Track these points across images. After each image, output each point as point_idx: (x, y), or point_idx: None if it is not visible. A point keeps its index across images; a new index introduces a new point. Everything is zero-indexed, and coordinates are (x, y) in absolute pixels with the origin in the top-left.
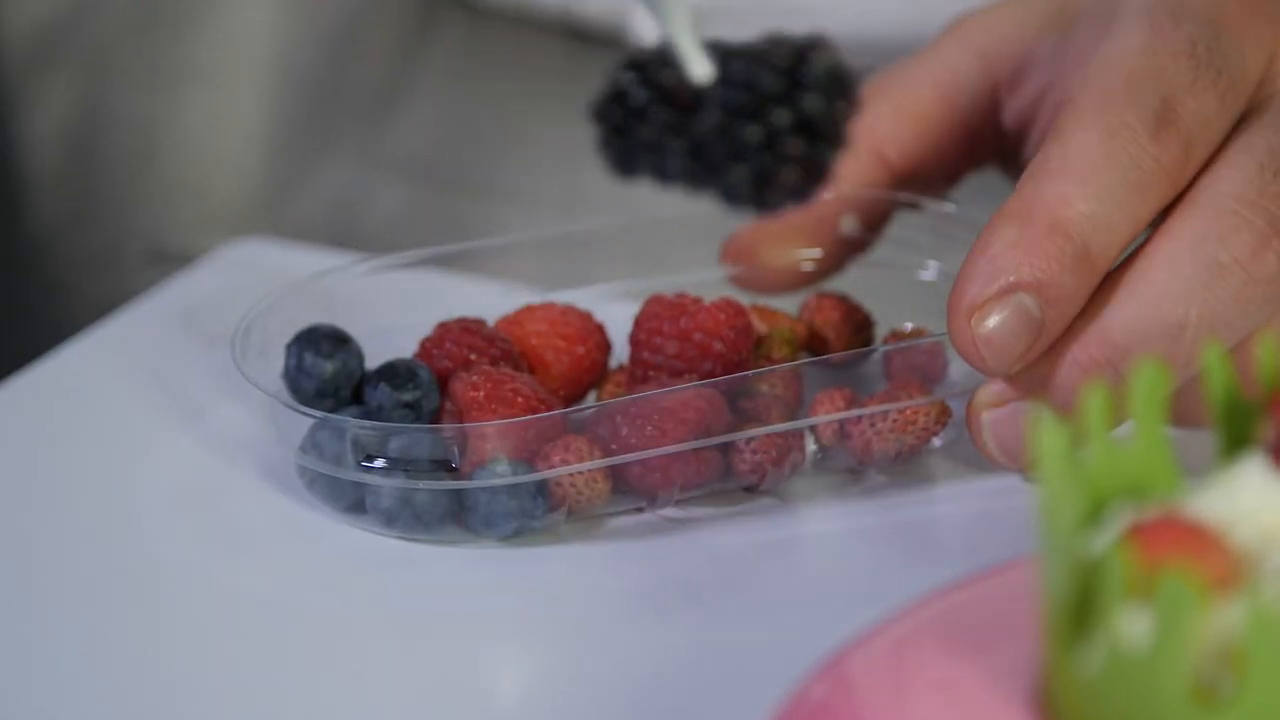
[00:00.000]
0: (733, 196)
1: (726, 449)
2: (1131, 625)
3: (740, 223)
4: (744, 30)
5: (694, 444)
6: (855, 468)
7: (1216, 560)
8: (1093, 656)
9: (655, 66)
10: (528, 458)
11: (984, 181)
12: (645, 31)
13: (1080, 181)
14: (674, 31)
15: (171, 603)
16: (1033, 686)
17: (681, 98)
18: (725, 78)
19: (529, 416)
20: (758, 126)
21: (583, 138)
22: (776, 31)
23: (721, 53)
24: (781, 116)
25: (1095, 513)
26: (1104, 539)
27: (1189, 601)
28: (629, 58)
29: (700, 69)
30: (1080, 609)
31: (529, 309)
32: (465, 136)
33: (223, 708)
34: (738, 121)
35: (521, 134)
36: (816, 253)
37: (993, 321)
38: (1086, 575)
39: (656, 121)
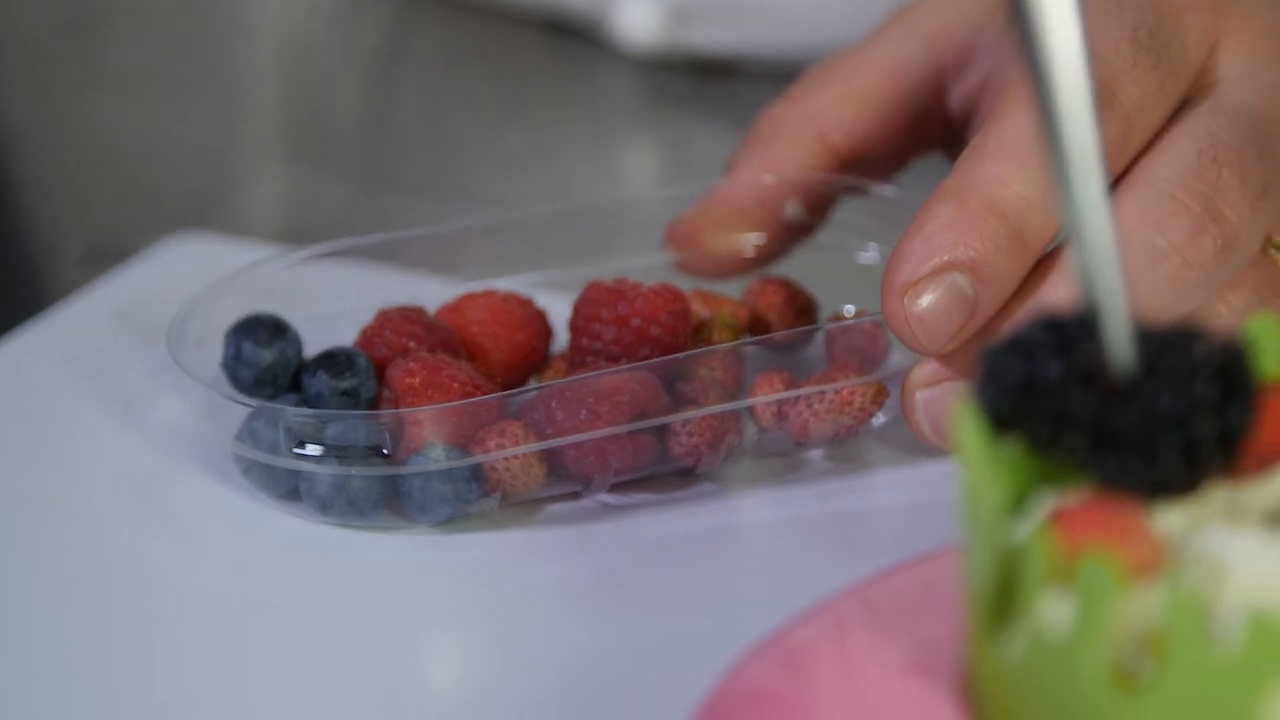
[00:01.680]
0: (1123, 481)
1: (663, 432)
2: (1053, 611)
3: (684, 208)
4: (728, 32)
5: (630, 427)
6: (793, 450)
7: (1138, 546)
8: (1015, 642)
9: (1073, 333)
10: (463, 443)
11: (930, 166)
12: (626, 25)
13: (1016, 163)
14: (1110, 316)
15: (109, 592)
16: (958, 672)
17: (1103, 382)
18: (1153, 372)
19: (463, 401)
20: (1178, 435)
21: (559, 134)
22: (1196, 324)
23: (1146, 340)
24: (1206, 428)
25: (1019, 499)
26: (1026, 525)
27: (1109, 587)
28: (1046, 317)
29: (1125, 361)
30: (1004, 595)
31: (469, 297)
32: (429, 133)
33: (160, 695)
34: (1161, 427)
35: (496, 130)
36: (760, 237)
37: (926, 300)
38: (1009, 561)
39: (1063, 395)
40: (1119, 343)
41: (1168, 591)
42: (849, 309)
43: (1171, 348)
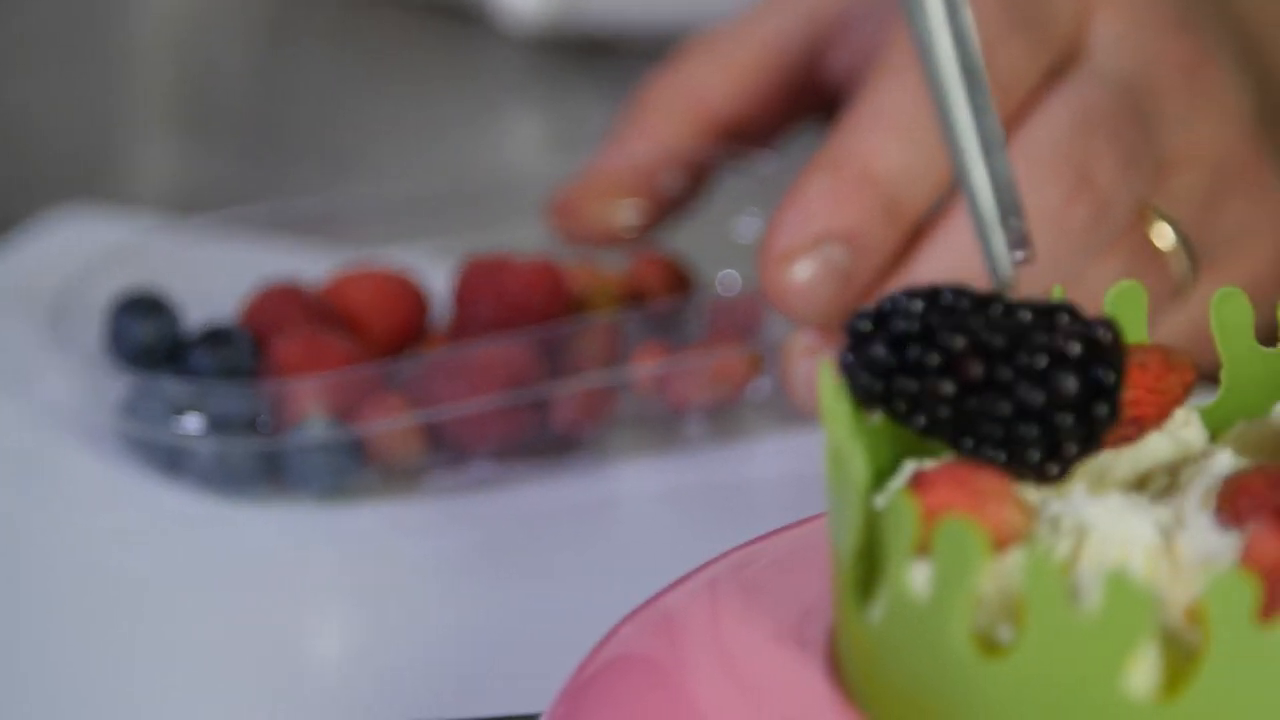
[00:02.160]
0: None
1: (542, 404)
2: (913, 576)
3: (565, 180)
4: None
5: (509, 399)
6: (672, 420)
7: (997, 511)
8: (878, 608)
9: (940, 313)
10: (342, 415)
11: (811, 136)
12: (511, 4)
13: (890, 132)
14: (987, 230)
15: None
16: (829, 636)
17: (968, 369)
18: (1018, 358)
19: (340, 372)
20: (1040, 431)
21: (446, 110)
22: (1065, 303)
23: (1014, 319)
24: (1066, 422)
25: (885, 466)
26: (889, 492)
27: (967, 552)
28: (912, 295)
29: (1006, 269)
30: (869, 561)
31: (350, 271)
32: (311, 107)
33: (41, 669)
34: (1023, 422)
35: (384, 105)
36: (640, 209)
37: (801, 270)
38: (873, 528)
39: (925, 384)
40: (1001, 262)
41: (1025, 555)
42: (727, 277)
43: (1038, 330)
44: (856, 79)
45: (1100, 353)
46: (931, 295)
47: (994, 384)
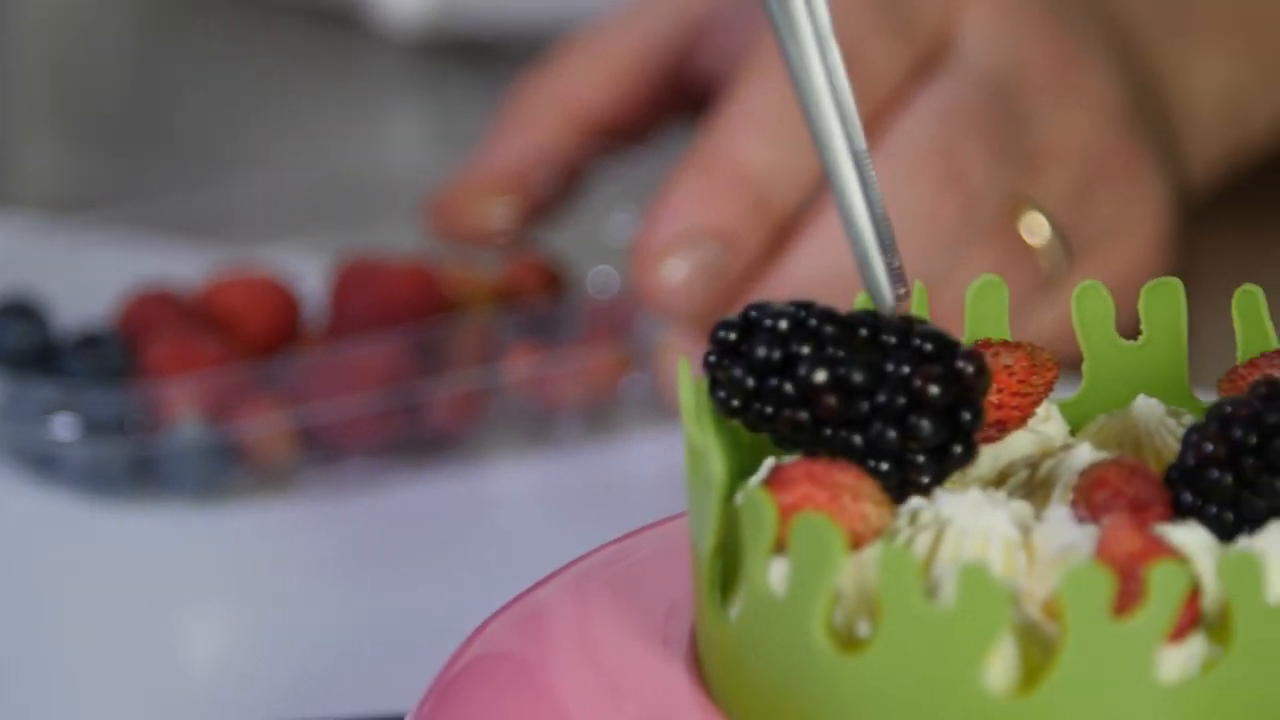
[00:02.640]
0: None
1: (416, 404)
2: (771, 573)
3: (442, 180)
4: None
5: (382, 400)
6: (546, 419)
7: (856, 506)
8: (736, 605)
9: (803, 344)
10: (215, 417)
11: (686, 134)
12: (390, 8)
13: (759, 131)
14: (869, 266)
15: None
16: (692, 635)
17: (822, 406)
18: (874, 404)
19: (213, 374)
20: (890, 464)
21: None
22: (928, 328)
23: (875, 340)
24: (920, 460)
25: (750, 462)
26: (747, 488)
27: (825, 548)
28: (778, 313)
29: (889, 304)
30: (728, 559)
31: (223, 273)
32: (188, 108)
33: None
34: (874, 457)
35: (263, 108)
36: (514, 208)
37: (673, 268)
38: (732, 525)
39: (781, 412)
40: (882, 290)
41: (881, 551)
42: (601, 275)
43: (901, 360)
44: (727, 78)
45: (962, 393)
46: (797, 317)
47: (851, 419)
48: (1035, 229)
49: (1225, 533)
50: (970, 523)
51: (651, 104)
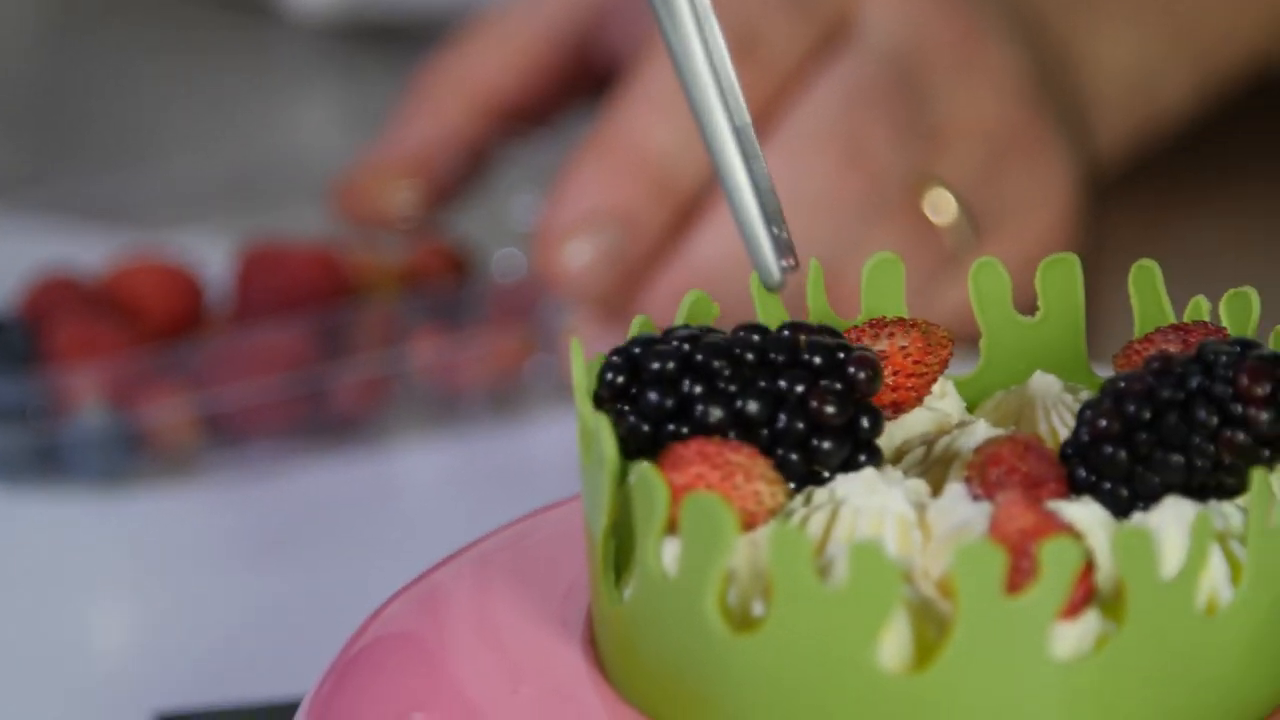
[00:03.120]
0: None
1: (321, 389)
2: (664, 553)
3: (348, 164)
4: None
5: (286, 384)
6: (452, 401)
7: (750, 485)
8: (630, 586)
9: (695, 380)
10: (118, 403)
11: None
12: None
13: (660, 112)
14: (753, 239)
15: None
16: (586, 616)
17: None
18: (775, 432)
19: (117, 360)
20: (796, 478)
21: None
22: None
23: (763, 371)
24: (824, 473)
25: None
26: (639, 468)
27: (717, 528)
28: (664, 354)
29: (775, 276)
30: (622, 539)
31: (128, 258)
32: (97, 93)
33: None
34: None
35: (172, 94)
36: (420, 192)
37: (575, 250)
38: (625, 505)
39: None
40: (768, 262)
41: (772, 531)
42: (506, 258)
43: (796, 379)
44: (629, 60)
45: (859, 403)
46: (683, 354)
47: (749, 421)
48: (941, 207)
49: (1120, 508)
50: (865, 501)
51: (556, 87)
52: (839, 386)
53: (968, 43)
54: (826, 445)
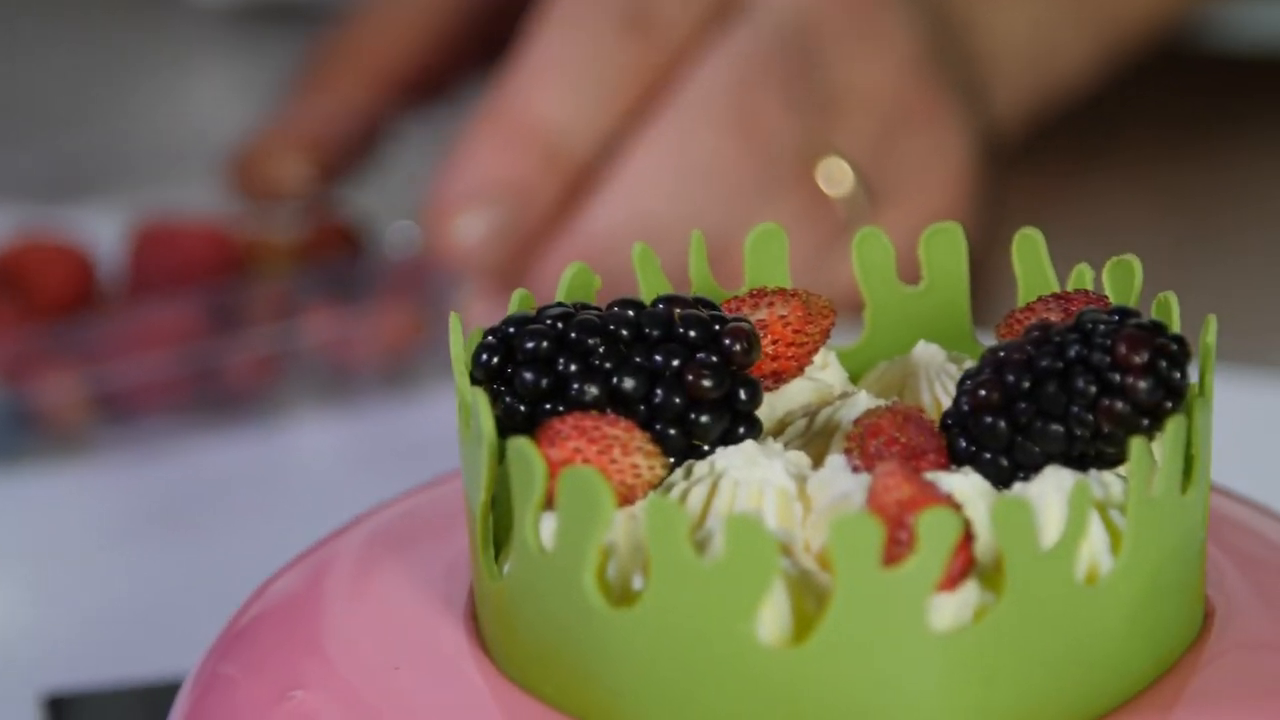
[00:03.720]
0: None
1: (213, 366)
2: (540, 527)
3: (243, 137)
4: None
5: (179, 362)
6: (345, 377)
7: (627, 459)
8: (509, 561)
9: (571, 358)
10: (9, 381)
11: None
12: None
13: (552, 82)
14: None
15: None
16: (468, 592)
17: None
18: (652, 407)
19: (7, 338)
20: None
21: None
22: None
23: (640, 346)
24: (703, 448)
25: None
26: (517, 443)
27: (594, 502)
28: (537, 332)
29: None
30: (502, 514)
31: (18, 235)
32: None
33: None
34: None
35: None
36: (315, 166)
37: (466, 222)
38: (503, 481)
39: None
40: None
41: (649, 504)
42: (401, 231)
43: (673, 354)
44: (521, 32)
45: (736, 376)
46: (556, 333)
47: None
48: (836, 177)
49: (1001, 479)
50: (744, 474)
51: (450, 59)
52: (715, 360)
53: (862, 12)
54: (704, 419)
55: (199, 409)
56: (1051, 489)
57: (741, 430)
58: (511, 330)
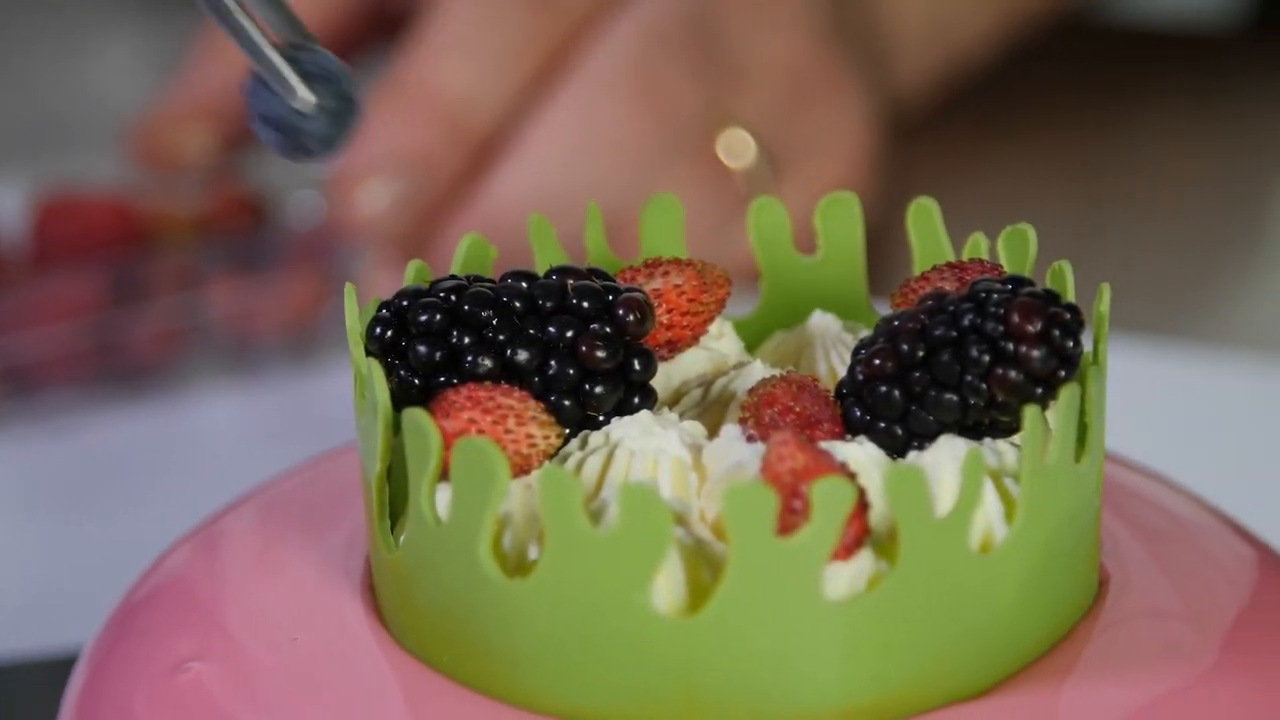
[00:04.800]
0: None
1: (116, 338)
2: (435, 498)
3: (144, 108)
4: None
5: (81, 334)
6: (248, 349)
7: (523, 430)
8: (405, 532)
9: (464, 330)
10: None
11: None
12: None
13: (454, 54)
14: (262, 56)
15: None
16: (365, 562)
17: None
18: (547, 379)
19: None
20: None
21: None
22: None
23: (535, 317)
24: (599, 418)
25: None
26: (412, 414)
27: (488, 473)
28: (430, 305)
29: (301, 95)
30: (398, 485)
31: None
32: None
33: None
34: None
35: None
36: (216, 137)
37: (369, 191)
38: (399, 452)
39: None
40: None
41: (542, 474)
42: (302, 200)
43: (565, 325)
44: (423, 2)
45: (631, 348)
46: (449, 305)
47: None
48: (739, 148)
49: (896, 448)
50: (640, 444)
51: (352, 30)
52: (608, 330)
53: None
54: (599, 390)
55: (102, 382)
56: (945, 458)
57: (636, 400)
58: (405, 304)
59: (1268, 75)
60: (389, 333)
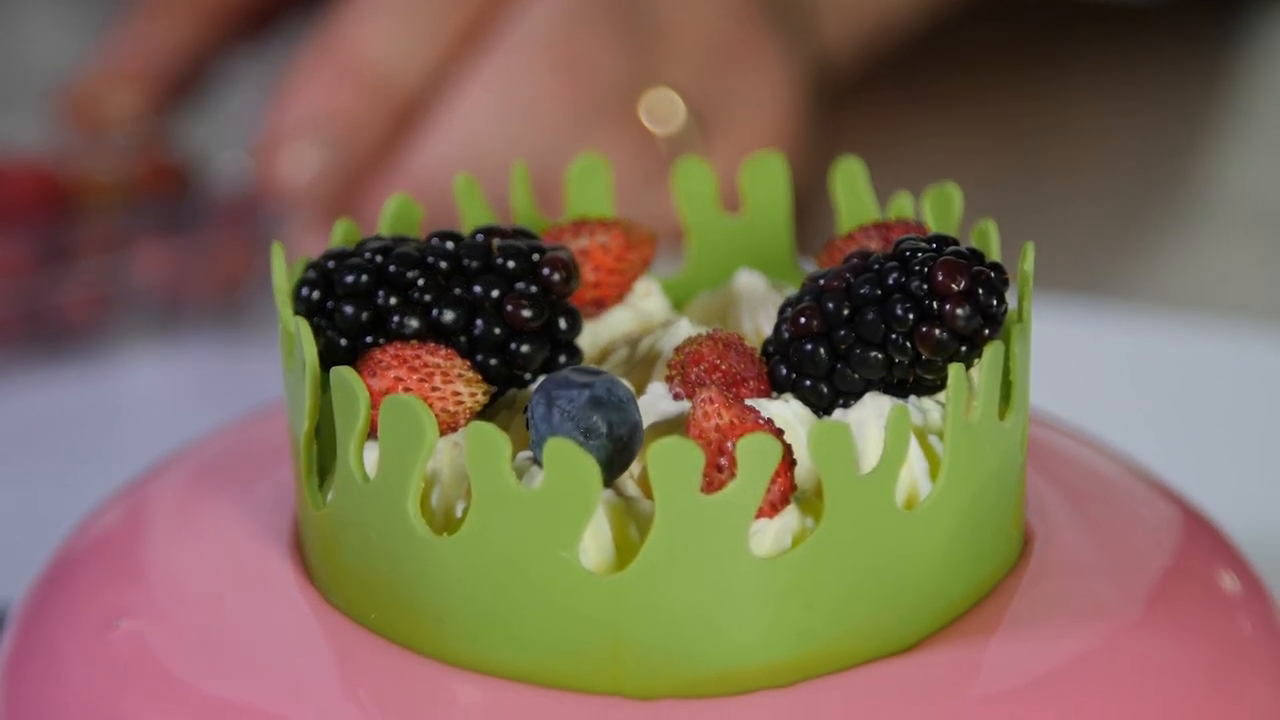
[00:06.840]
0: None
1: (43, 303)
2: (362, 456)
3: (74, 69)
4: None
5: (5, 299)
6: (175, 313)
7: (450, 387)
8: (332, 488)
9: (391, 292)
10: None
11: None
12: None
13: (378, 17)
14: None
15: None
16: (293, 520)
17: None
18: (473, 339)
19: None
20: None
21: None
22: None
23: (459, 278)
24: (527, 375)
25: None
26: (339, 372)
27: (415, 430)
28: (356, 266)
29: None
30: (326, 443)
31: None
32: None
33: None
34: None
35: None
36: (145, 98)
37: (293, 154)
38: (326, 410)
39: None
40: None
41: (469, 431)
42: (230, 162)
43: (491, 284)
44: None
45: (555, 305)
46: (375, 265)
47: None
48: (665, 110)
49: (821, 405)
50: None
51: None
52: (534, 289)
53: None
54: (525, 349)
55: (29, 345)
56: (871, 415)
57: (563, 359)
58: (331, 265)
59: (1186, 43)
60: (315, 293)
